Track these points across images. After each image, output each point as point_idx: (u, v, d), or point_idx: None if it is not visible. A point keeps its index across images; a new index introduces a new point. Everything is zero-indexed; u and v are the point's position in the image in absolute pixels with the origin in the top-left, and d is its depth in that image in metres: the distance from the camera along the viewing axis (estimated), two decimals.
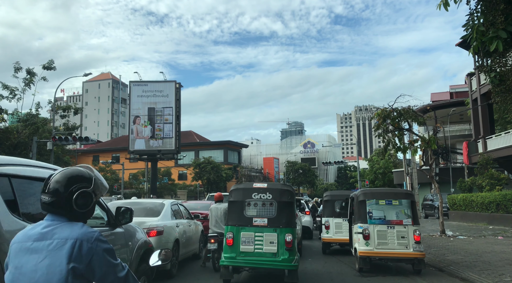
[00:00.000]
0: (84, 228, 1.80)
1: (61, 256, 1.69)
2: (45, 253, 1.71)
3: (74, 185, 1.85)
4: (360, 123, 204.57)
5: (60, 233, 1.75)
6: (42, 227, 1.79)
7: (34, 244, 1.74)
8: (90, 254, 1.72)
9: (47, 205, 1.82)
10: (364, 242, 8.71)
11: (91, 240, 1.75)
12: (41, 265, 1.69)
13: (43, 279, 1.67)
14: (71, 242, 1.71)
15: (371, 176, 49.51)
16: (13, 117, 31.67)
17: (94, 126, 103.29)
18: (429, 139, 15.03)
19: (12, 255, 1.78)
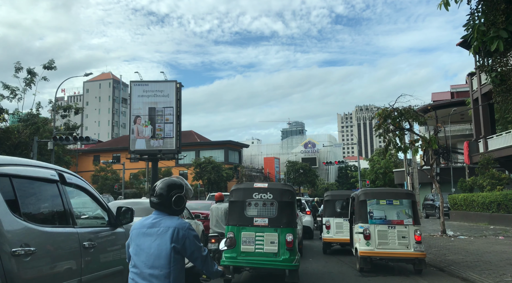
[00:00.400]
0: (180, 220, 2.68)
1: (166, 239, 2.59)
2: (155, 236, 2.62)
3: (172, 191, 2.73)
4: (361, 123, 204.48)
5: (164, 223, 2.64)
6: (152, 218, 2.69)
7: (148, 230, 2.65)
8: (184, 238, 2.61)
9: (155, 204, 2.72)
10: (365, 242, 8.70)
11: (184, 228, 2.64)
12: (153, 244, 2.60)
13: (156, 253, 2.58)
14: (172, 229, 2.60)
15: (372, 175, 49.49)
16: (14, 117, 31.71)
17: (95, 126, 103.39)
18: (430, 139, 15.02)
19: (133, 237, 2.71)
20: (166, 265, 2.58)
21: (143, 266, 2.62)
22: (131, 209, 4.77)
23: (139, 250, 2.64)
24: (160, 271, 2.57)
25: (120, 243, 4.56)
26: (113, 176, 50.17)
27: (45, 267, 3.19)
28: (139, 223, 2.74)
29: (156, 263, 2.59)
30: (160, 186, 2.77)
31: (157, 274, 2.57)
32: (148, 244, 2.62)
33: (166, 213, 2.71)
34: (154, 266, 2.59)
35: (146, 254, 2.61)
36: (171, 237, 2.59)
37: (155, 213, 2.72)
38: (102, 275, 4.02)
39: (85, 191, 4.33)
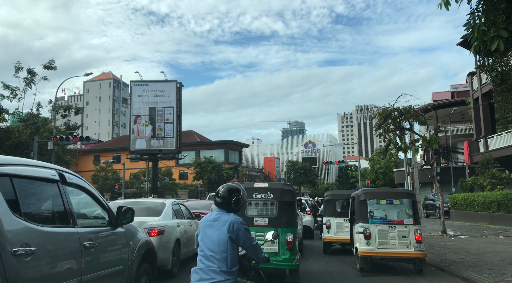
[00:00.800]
0: (235, 216, 3.46)
1: (224, 230, 3.35)
2: (216, 228, 3.40)
3: (232, 194, 3.53)
4: (361, 123, 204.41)
5: (223, 218, 3.43)
6: (215, 214, 3.50)
7: (211, 223, 3.45)
8: (238, 230, 3.36)
9: (219, 203, 3.53)
10: (365, 241, 8.70)
11: (238, 222, 3.40)
12: (215, 234, 3.38)
13: (217, 241, 3.34)
14: (229, 223, 3.37)
15: (372, 175, 49.49)
16: (14, 117, 31.71)
17: (95, 126, 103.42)
18: (430, 138, 15.02)
19: (201, 227, 3.51)
20: (224, 250, 3.34)
21: (207, 249, 3.40)
22: (131, 209, 4.78)
23: (205, 238, 3.44)
24: (219, 254, 3.34)
25: (120, 242, 4.57)
26: (114, 176, 50.18)
27: (46, 267, 3.18)
28: (206, 217, 3.58)
29: (216, 249, 3.35)
30: (223, 190, 3.59)
31: (217, 257, 3.34)
32: (211, 234, 3.42)
33: (226, 210, 3.53)
34: (215, 250, 3.35)
35: (210, 241, 3.40)
36: (228, 229, 3.37)
37: (218, 210, 3.55)
38: (102, 275, 4.02)
39: (86, 190, 4.33)
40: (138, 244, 4.94)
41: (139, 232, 5.20)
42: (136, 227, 5.19)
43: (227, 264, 3.32)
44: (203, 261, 3.39)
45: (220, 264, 3.32)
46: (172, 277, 8.30)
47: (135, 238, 4.97)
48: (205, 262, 3.38)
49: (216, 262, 3.32)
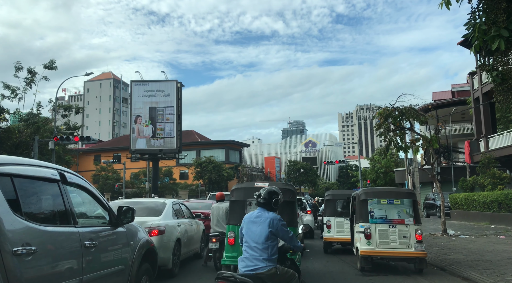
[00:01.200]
0: (274, 214, 4.12)
1: (266, 225, 4.01)
2: (259, 223, 4.07)
3: (273, 196, 4.20)
4: (361, 122, 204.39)
5: (265, 215, 4.09)
6: (257, 212, 4.18)
7: (254, 219, 4.11)
8: (277, 225, 4.03)
9: (261, 204, 4.18)
10: (366, 241, 8.70)
11: (277, 219, 4.06)
12: (258, 228, 4.04)
13: (259, 234, 3.98)
14: (269, 220, 4.03)
15: (372, 175, 49.48)
16: (15, 117, 31.72)
17: (96, 126, 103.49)
18: (431, 138, 15.01)
19: (245, 223, 4.18)
20: (265, 242, 4.01)
21: (251, 241, 4.07)
22: (132, 209, 4.78)
23: (249, 231, 4.13)
24: (261, 245, 4.01)
25: (121, 242, 4.57)
26: (114, 176, 50.20)
27: (47, 267, 3.19)
28: (249, 215, 4.30)
29: (259, 240, 4.03)
30: (265, 193, 4.25)
31: (259, 247, 4.01)
32: (254, 228, 4.10)
33: (266, 209, 4.21)
34: (258, 242, 4.03)
35: (253, 234, 4.08)
36: (268, 225, 4.05)
37: (259, 209, 4.25)
38: (103, 275, 4.02)
39: (86, 190, 4.33)
40: (138, 244, 4.94)
41: (140, 232, 5.21)
42: (136, 227, 5.19)
43: (268, 253, 4.00)
44: (248, 251, 4.07)
45: (262, 253, 3.99)
46: (172, 277, 8.30)
47: (136, 237, 4.97)
48: (249, 252, 4.05)
49: (258, 252, 4.00)
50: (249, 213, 4.39)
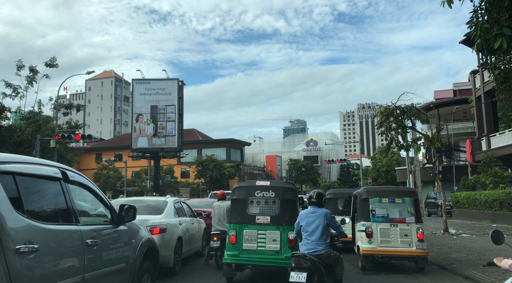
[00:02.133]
0: (326, 210, 5.64)
1: (322, 218, 5.50)
2: (315, 217, 5.54)
3: (322, 196, 5.76)
4: (363, 121, 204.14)
5: (319, 211, 5.59)
6: (312, 209, 5.66)
7: (311, 214, 5.58)
8: (330, 218, 5.56)
9: (314, 202, 5.68)
10: (367, 240, 8.71)
11: (329, 213, 5.61)
12: (316, 221, 5.50)
13: (317, 225, 5.43)
14: (324, 214, 5.55)
15: (374, 174, 49.40)
16: (16, 115, 31.77)
17: (97, 124, 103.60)
18: (432, 137, 14.98)
19: (303, 217, 5.63)
20: (322, 231, 5.48)
21: (310, 232, 5.49)
22: (133, 207, 4.78)
23: (309, 223, 5.55)
24: (319, 233, 5.46)
25: (122, 240, 4.57)
26: (116, 174, 50.28)
27: (49, 264, 3.19)
28: (306, 211, 5.73)
29: (317, 230, 5.47)
30: (316, 194, 5.81)
31: (317, 235, 5.46)
32: (312, 220, 5.54)
33: (318, 206, 5.74)
34: (316, 231, 5.48)
35: (312, 225, 5.52)
36: (324, 218, 5.56)
37: (312, 207, 5.73)
38: (105, 273, 4.03)
39: (88, 188, 4.33)
40: (140, 242, 4.95)
41: (141, 230, 5.21)
42: (138, 225, 5.20)
43: (324, 239, 5.45)
44: (308, 238, 5.49)
45: (320, 239, 5.42)
46: (174, 275, 8.32)
47: (137, 236, 4.98)
48: (309, 238, 5.48)
49: (317, 238, 5.42)
50: (304, 210, 5.86)
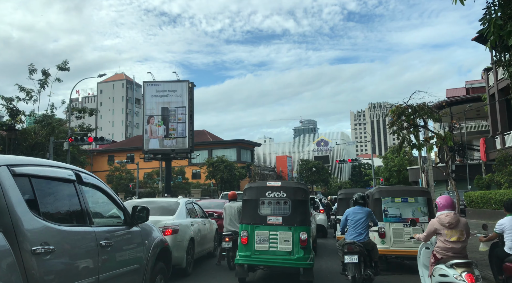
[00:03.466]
0: (368, 208, 7.45)
1: (366, 215, 7.17)
2: (361, 214, 7.17)
3: (364, 198, 7.51)
4: (374, 120, 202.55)
5: (364, 209, 7.24)
6: (357, 208, 7.26)
7: (357, 211, 7.20)
8: (371, 215, 7.33)
9: (358, 202, 7.33)
10: (380, 240, 8.64)
11: (370, 212, 7.33)
12: (361, 216, 7.13)
13: (362, 219, 7.09)
14: (368, 211, 7.26)
15: (386, 173, 48.99)
16: (30, 118, 32.29)
17: (109, 127, 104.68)
18: (445, 136, 14.78)
19: (350, 213, 7.24)
20: (365, 225, 7.06)
21: (357, 223, 7.02)
22: (146, 208, 4.81)
23: (355, 218, 7.07)
24: (362, 225, 7.02)
25: (136, 241, 4.61)
26: (128, 176, 50.69)
27: (64, 265, 3.24)
28: (352, 209, 7.28)
29: (362, 223, 7.02)
30: (360, 197, 7.38)
31: (361, 226, 7.01)
32: (358, 217, 7.08)
33: (362, 206, 7.25)
34: (361, 224, 7.02)
35: (357, 219, 7.05)
36: (367, 215, 7.16)
37: (358, 206, 7.26)
38: (119, 274, 4.07)
39: (101, 190, 4.38)
40: (153, 243, 4.98)
41: (154, 231, 5.25)
42: (151, 226, 5.24)
43: (366, 230, 7.07)
44: (355, 230, 7.03)
45: (363, 230, 7.01)
46: (186, 276, 8.36)
47: (150, 237, 5.01)
48: (356, 230, 7.02)
49: (361, 230, 7.01)
50: (351, 208, 7.42)
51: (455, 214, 5.28)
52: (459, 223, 5.22)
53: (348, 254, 6.73)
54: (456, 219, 5.20)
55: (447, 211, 5.30)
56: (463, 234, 5.19)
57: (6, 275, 2.61)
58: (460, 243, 5.17)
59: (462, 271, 4.81)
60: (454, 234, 5.15)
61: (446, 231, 5.17)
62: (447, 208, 5.33)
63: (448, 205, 5.37)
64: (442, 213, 5.33)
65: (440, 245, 5.24)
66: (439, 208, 5.46)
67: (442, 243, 5.20)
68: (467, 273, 4.76)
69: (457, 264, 4.91)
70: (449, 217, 5.20)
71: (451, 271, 4.90)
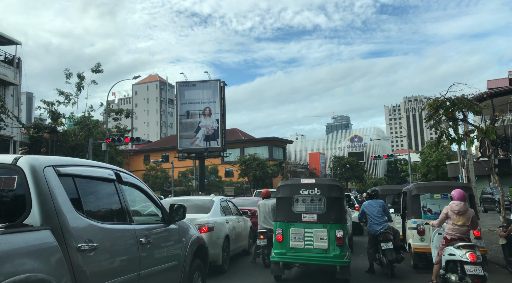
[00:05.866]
0: (381, 200, 8.90)
1: (379, 206, 8.55)
2: (375, 206, 8.58)
3: (376, 192, 9.15)
4: (409, 114, 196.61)
5: (377, 202, 8.69)
6: (373, 201, 8.73)
7: (372, 204, 8.64)
8: (384, 205, 8.69)
9: (372, 196, 8.95)
10: (419, 237, 8.40)
11: (383, 202, 8.77)
12: (377, 208, 8.51)
13: (377, 210, 8.48)
14: (381, 203, 8.70)
15: (423, 169, 47.52)
16: (70, 121, 33.71)
17: (144, 127, 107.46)
18: (487, 129, 14.12)
19: (366, 206, 8.68)
20: (382, 215, 8.44)
21: (376, 214, 8.41)
22: (183, 206, 4.90)
23: (371, 210, 8.46)
24: (380, 214, 8.41)
25: (173, 239, 4.69)
26: (163, 174, 51.89)
27: (107, 262, 3.35)
28: (368, 202, 8.73)
29: (378, 213, 8.40)
30: (372, 191, 9.12)
31: (380, 216, 8.39)
32: (374, 208, 8.49)
33: (376, 199, 8.76)
34: (378, 214, 8.40)
35: (374, 211, 8.44)
36: (380, 205, 8.56)
37: (371, 200, 8.73)
38: (159, 270, 4.16)
39: (140, 189, 4.49)
40: (190, 240, 5.06)
41: (191, 229, 5.33)
42: (188, 224, 5.32)
43: (383, 219, 8.30)
44: (374, 220, 8.32)
45: (381, 219, 8.29)
46: (223, 273, 8.45)
47: (187, 234, 5.10)
48: (376, 220, 8.29)
49: (379, 219, 8.28)
50: (366, 202, 8.77)
51: (464, 205, 6.46)
52: (467, 212, 6.42)
53: (384, 241, 7.99)
54: (464, 208, 6.43)
55: (458, 202, 6.48)
56: (468, 220, 6.39)
57: (55, 270, 2.73)
58: (465, 227, 6.41)
59: (466, 251, 5.99)
60: (461, 219, 6.39)
61: (455, 216, 6.41)
62: (459, 199, 6.49)
63: (460, 197, 6.51)
64: (454, 202, 6.51)
65: (449, 227, 6.47)
66: (453, 199, 6.60)
67: (451, 225, 6.45)
68: (470, 253, 5.95)
69: (462, 246, 6.09)
70: (459, 206, 6.42)
71: (458, 251, 6.09)
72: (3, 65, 28.23)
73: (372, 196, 8.82)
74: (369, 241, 8.54)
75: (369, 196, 8.87)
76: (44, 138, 28.25)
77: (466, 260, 5.89)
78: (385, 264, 8.07)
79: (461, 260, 5.95)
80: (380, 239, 8.07)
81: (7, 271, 2.36)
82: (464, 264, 5.93)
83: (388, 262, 7.92)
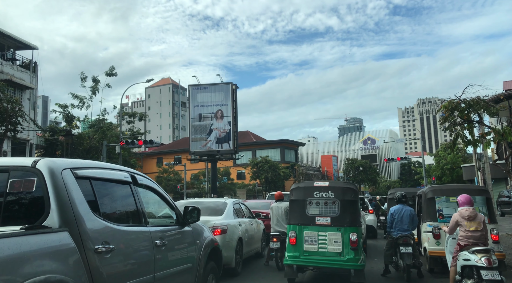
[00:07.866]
0: (411, 207, 8.58)
1: (408, 212, 8.30)
2: (404, 211, 8.29)
3: (406, 196, 8.70)
4: (423, 117, 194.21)
5: (406, 208, 8.39)
6: (401, 206, 8.46)
7: (400, 209, 8.40)
8: (413, 213, 8.38)
9: (401, 201, 8.51)
10: (435, 241, 8.27)
11: (413, 209, 8.58)
12: (406, 214, 8.28)
13: (406, 216, 8.25)
14: (410, 210, 8.37)
15: (437, 171, 46.80)
16: (84, 124, 34.21)
17: (157, 130, 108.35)
18: (504, 131, 13.86)
19: (395, 211, 8.39)
20: (410, 220, 8.20)
21: (403, 220, 8.16)
22: (197, 208, 4.91)
23: (400, 216, 8.23)
24: (407, 221, 8.17)
25: (188, 241, 4.71)
26: (176, 177, 52.22)
27: (123, 263, 3.38)
28: (397, 207, 8.40)
29: (407, 220, 8.18)
30: (402, 195, 8.59)
31: (407, 222, 8.16)
32: (402, 213, 8.25)
33: (404, 204, 8.40)
34: (406, 220, 8.16)
35: (403, 217, 8.21)
36: (409, 212, 8.25)
37: (400, 204, 8.42)
38: (173, 272, 4.17)
39: (155, 191, 4.51)
40: (204, 243, 5.07)
41: (205, 231, 5.34)
42: (202, 226, 5.34)
43: (410, 225, 8.13)
44: (401, 225, 8.13)
45: (408, 226, 8.10)
46: (236, 276, 8.44)
47: (202, 236, 5.11)
48: (402, 225, 8.11)
49: (406, 225, 8.10)
50: (395, 206, 8.49)
51: (473, 209, 6.28)
52: (477, 217, 6.22)
53: (403, 245, 7.88)
54: (474, 213, 6.24)
55: (466, 207, 6.28)
56: (480, 225, 6.15)
57: (73, 271, 2.77)
58: (478, 232, 6.13)
59: (482, 256, 5.78)
60: (472, 225, 6.15)
61: (466, 222, 6.18)
62: (466, 204, 6.31)
63: (467, 202, 6.33)
64: (462, 208, 6.31)
65: (462, 234, 6.24)
66: (459, 205, 6.40)
67: (464, 232, 6.21)
68: (486, 257, 5.75)
69: (477, 251, 5.89)
70: (468, 211, 6.21)
71: (473, 256, 5.88)
72: (20, 70, 28.83)
73: (402, 200, 8.46)
74: (388, 243, 8.34)
75: (398, 200, 8.50)
76: (59, 141, 28.71)
77: (482, 265, 5.73)
78: (401, 268, 7.98)
79: (477, 265, 5.79)
80: (399, 242, 7.96)
81: (27, 272, 2.40)
82: (480, 269, 5.78)
83: (405, 266, 7.79)
